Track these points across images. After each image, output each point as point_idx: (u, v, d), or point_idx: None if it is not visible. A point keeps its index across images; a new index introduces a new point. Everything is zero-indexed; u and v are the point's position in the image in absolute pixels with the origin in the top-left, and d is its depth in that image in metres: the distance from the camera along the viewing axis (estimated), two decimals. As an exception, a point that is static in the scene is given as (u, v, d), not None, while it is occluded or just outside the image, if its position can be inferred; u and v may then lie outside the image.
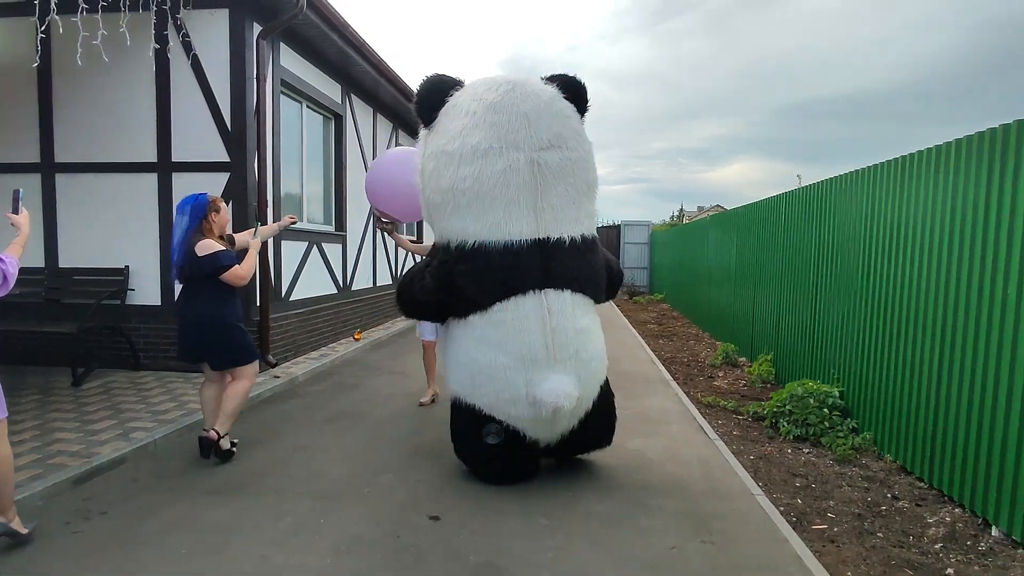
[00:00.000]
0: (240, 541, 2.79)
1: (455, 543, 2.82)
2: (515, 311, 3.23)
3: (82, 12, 4.28)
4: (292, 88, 6.69)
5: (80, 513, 3.03)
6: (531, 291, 3.23)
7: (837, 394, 4.77)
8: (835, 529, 3.16)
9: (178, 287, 3.82)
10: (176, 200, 5.68)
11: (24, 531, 2.70)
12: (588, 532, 2.96)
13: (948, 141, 3.61)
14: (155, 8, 5.29)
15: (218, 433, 3.62)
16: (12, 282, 2.65)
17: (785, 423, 4.69)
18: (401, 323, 9.96)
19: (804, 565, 2.68)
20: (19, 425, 4.13)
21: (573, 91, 3.53)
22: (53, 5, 4.06)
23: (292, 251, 6.67)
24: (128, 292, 5.78)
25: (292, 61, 6.60)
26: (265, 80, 5.78)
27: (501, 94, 3.30)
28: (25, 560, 2.60)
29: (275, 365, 6.03)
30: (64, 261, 5.92)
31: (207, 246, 3.53)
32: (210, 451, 3.62)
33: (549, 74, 3.56)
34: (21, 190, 2.84)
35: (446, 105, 3.41)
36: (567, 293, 3.31)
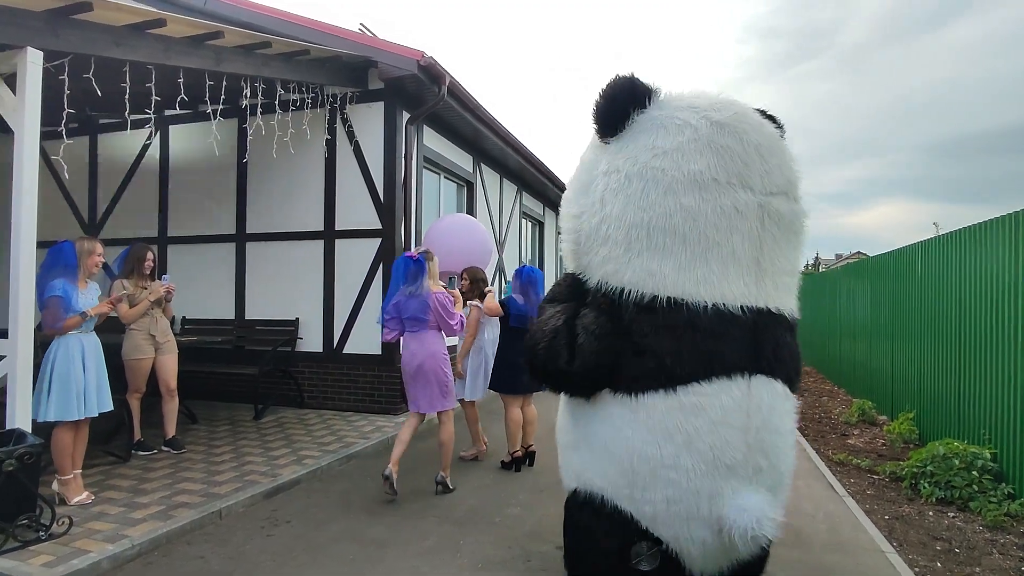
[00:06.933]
0: (394, 554, 3.28)
1: (579, 571, 3.10)
2: (717, 397, 2.44)
3: (278, 115, 5.41)
4: (432, 162, 7.64)
5: (271, 520, 3.71)
6: (738, 374, 2.49)
7: (988, 456, 4.44)
8: (978, 594, 3.02)
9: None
10: (338, 262, 6.72)
11: (451, 488, 4.27)
12: (706, 572, 3.09)
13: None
14: (328, 106, 6.44)
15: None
16: (461, 330, 4.42)
17: (926, 484, 4.44)
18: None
19: (935, 623, 2.64)
20: (219, 449, 5.04)
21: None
22: (259, 109, 5.19)
23: (429, 305, 7.44)
24: (297, 340, 6.79)
25: (432, 139, 7.57)
26: (411, 158, 6.71)
27: (731, 115, 2.60)
28: (235, 551, 3.27)
29: (414, 407, 6.69)
30: (249, 314, 7.09)
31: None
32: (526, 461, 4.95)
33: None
34: (455, 277, 4.42)
35: (645, 115, 2.66)
36: (778, 384, 2.59)
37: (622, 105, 2.67)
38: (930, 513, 4.11)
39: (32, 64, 3.41)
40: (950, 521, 3.97)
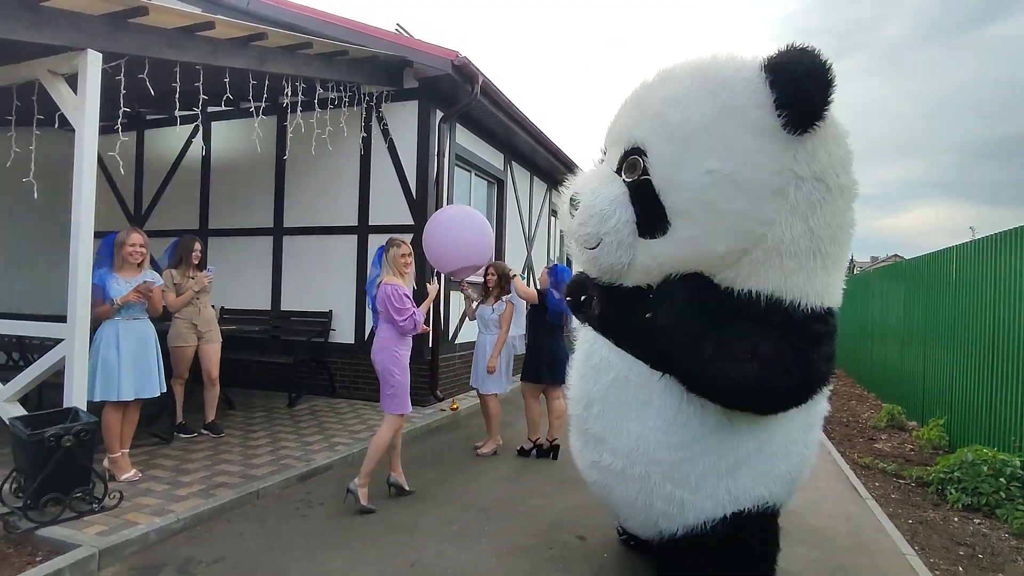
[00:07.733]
0: (422, 537, 3.42)
1: (600, 561, 3.20)
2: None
3: (317, 113, 5.60)
4: (464, 160, 7.78)
5: (305, 502, 3.89)
6: None
7: (1018, 463, 4.38)
8: (999, 600, 3.02)
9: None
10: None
11: (407, 488, 4.03)
12: (724, 567, 3.16)
13: None
14: (364, 105, 6.62)
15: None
16: (418, 328, 3.85)
17: (953, 490, 4.40)
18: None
19: (952, 624, 2.67)
20: (256, 434, 5.26)
21: None
22: (299, 107, 5.39)
23: (457, 299, 7.59)
24: (330, 332, 7.01)
25: (464, 137, 7.71)
26: (444, 156, 6.86)
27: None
28: (271, 530, 3.45)
29: (442, 399, 6.86)
30: (285, 305, 7.34)
31: None
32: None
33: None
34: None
35: (828, 113, 2.31)
36: None
37: (829, 95, 2.26)
38: (955, 519, 4.08)
39: (92, 65, 3.63)
40: (975, 527, 3.94)
